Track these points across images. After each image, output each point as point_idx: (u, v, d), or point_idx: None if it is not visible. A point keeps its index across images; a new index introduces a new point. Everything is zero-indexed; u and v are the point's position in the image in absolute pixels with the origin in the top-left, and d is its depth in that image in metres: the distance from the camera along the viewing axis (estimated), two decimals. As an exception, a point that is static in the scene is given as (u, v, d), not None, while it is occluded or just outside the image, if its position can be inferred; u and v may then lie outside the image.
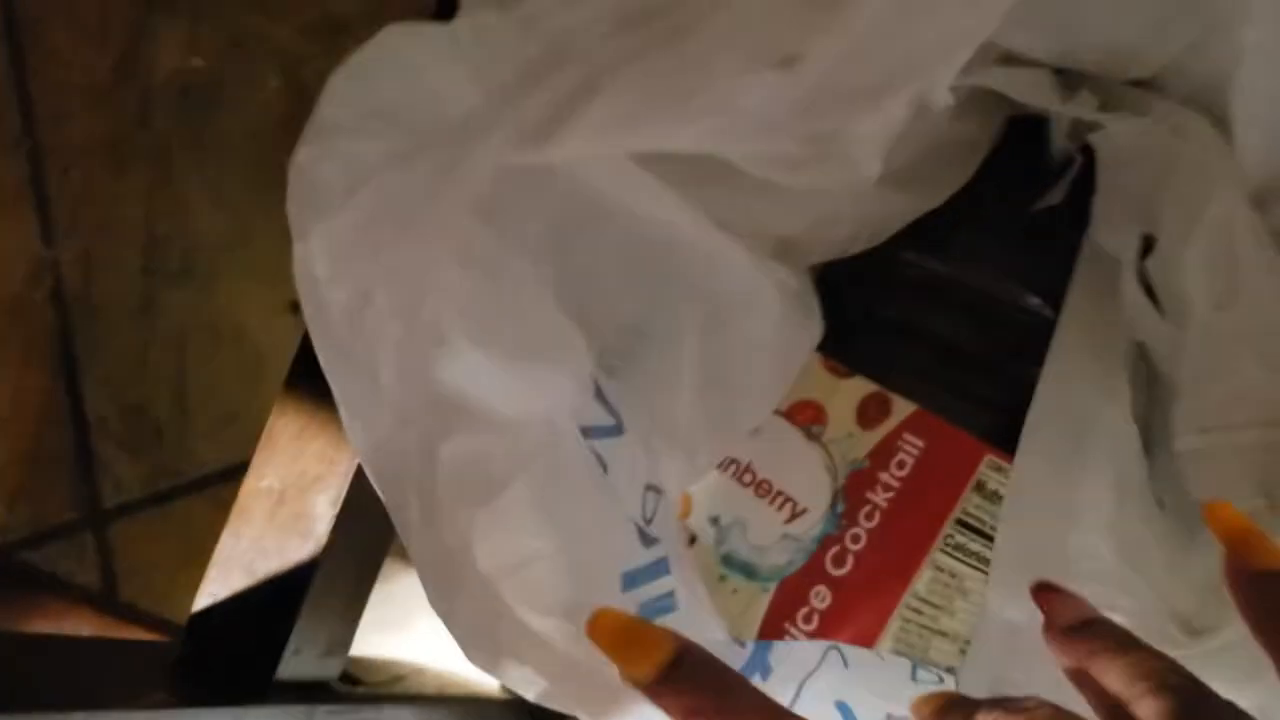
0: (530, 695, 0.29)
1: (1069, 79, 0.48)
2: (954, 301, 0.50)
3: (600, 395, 0.34)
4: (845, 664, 0.37)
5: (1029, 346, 0.47)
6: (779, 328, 0.44)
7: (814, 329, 0.47)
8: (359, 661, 0.50)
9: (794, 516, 0.49)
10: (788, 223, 0.43)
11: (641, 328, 0.41)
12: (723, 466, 0.51)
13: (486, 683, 0.60)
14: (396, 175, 0.28)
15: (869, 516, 0.47)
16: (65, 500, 0.73)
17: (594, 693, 0.28)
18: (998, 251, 0.50)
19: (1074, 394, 0.41)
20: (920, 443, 0.47)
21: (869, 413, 0.49)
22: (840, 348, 0.51)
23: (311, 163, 0.29)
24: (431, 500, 0.28)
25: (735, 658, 0.34)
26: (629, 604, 0.33)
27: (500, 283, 0.30)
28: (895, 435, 0.48)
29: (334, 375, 0.28)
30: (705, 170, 0.38)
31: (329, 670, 0.39)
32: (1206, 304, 0.40)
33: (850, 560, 0.47)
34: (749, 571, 0.49)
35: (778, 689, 0.35)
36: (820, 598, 0.47)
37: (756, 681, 0.34)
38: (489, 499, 0.29)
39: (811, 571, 0.48)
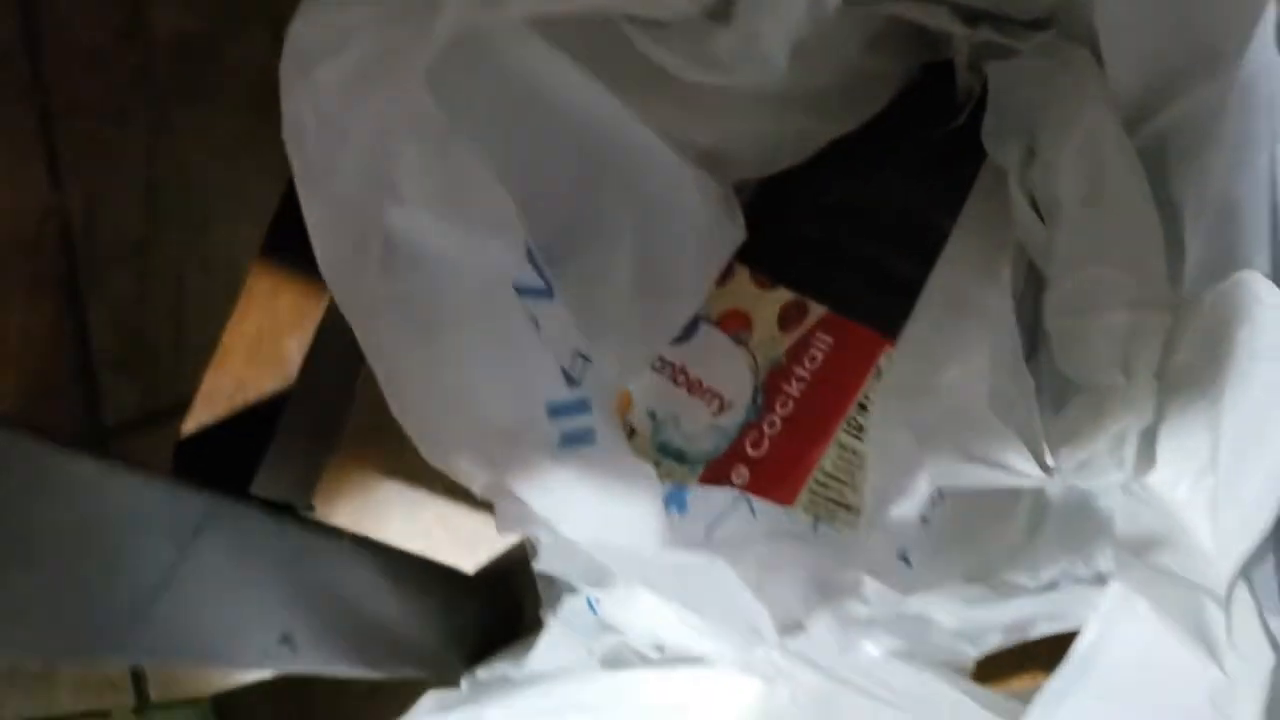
0: (476, 488, 0.34)
1: (969, 17, 0.53)
2: (867, 218, 0.55)
3: (532, 260, 0.40)
4: (753, 513, 0.42)
5: (933, 256, 0.53)
6: (704, 231, 0.50)
7: (735, 234, 0.52)
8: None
9: (721, 410, 0.54)
10: (708, 132, 0.48)
11: (583, 221, 0.47)
12: (659, 369, 0.56)
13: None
14: (373, 35, 0.33)
15: (783, 405, 0.53)
16: (70, 423, 0.79)
17: (526, 480, 0.33)
18: (907, 173, 0.56)
19: (960, 281, 0.46)
20: (830, 339, 0.53)
21: (789, 318, 0.55)
22: (767, 262, 0.57)
23: (301, 31, 0.34)
24: (379, 326, 0.33)
25: (656, 489, 0.39)
26: (553, 430, 0.38)
27: (447, 155, 0.36)
28: (809, 335, 0.54)
29: (308, 202, 0.33)
30: (635, 74, 0.44)
31: (299, 500, 0.45)
32: (1075, 202, 0.46)
33: (766, 443, 0.53)
34: (680, 457, 0.55)
35: (689, 526, 0.40)
36: (740, 476, 0.52)
37: (673, 514, 0.39)
38: (429, 335, 0.35)
39: (733, 454, 0.53)
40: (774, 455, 0.52)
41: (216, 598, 0.39)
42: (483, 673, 0.59)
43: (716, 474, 0.53)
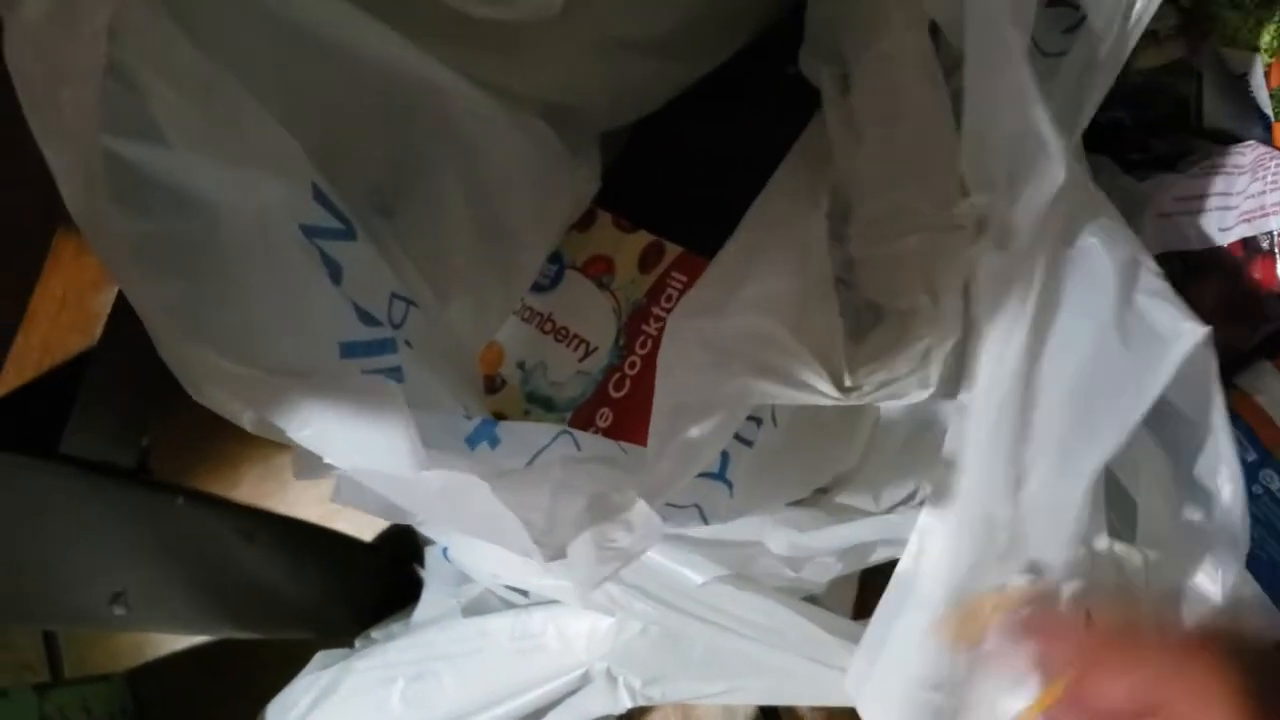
0: (245, 425, 0.35)
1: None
2: (719, 158, 0.56)
3: (322, 200, 0.40)
4: (577, 446, 0.42)
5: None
6: (542, 179, 0.50)
7: (585, 182, 0.52)
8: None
9: (586, 355, 0.55)
10: (550, 85, 0.48)
11: (404, 171, 0.47)
12: (528, 319, 0.57)
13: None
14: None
15: (643, 345, 0.53)
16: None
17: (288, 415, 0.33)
18: (758, 113, 0.56)
19: (779, 207, 0.46)
20: (684, 278, 0.53)
21: (648, 259, 0.55)
22: (628, 206, 0.57)
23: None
24: (130, 266, 0.34)
25: (462, 426, 0.39)
26: (351, 369, 0.38)
27: (211, 96, 0.36)
28: (666, 274, 0.54)
29: (43, 144, 0.33)
30: (458, 28, 0.44)
31: (124, 459, 0.46)
32: (874, 126, 0.46)
33: (628, 384, 0.53)
34: (548, 405, 0.55)
35: (506, 458, 0.40)
36: (604, 418, 0.53)
37: (484, 450, 0.39)
38: (190, 274, 0.35)
39: (598, 398, 0.54)
40: (634, 395, 0.53)
41: (34, 559, 0.39)
42: (375, 632, 0.60)
43: (583, 418, 0.54)
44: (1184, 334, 0.39)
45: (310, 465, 0.36)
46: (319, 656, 0.57)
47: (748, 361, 0.40)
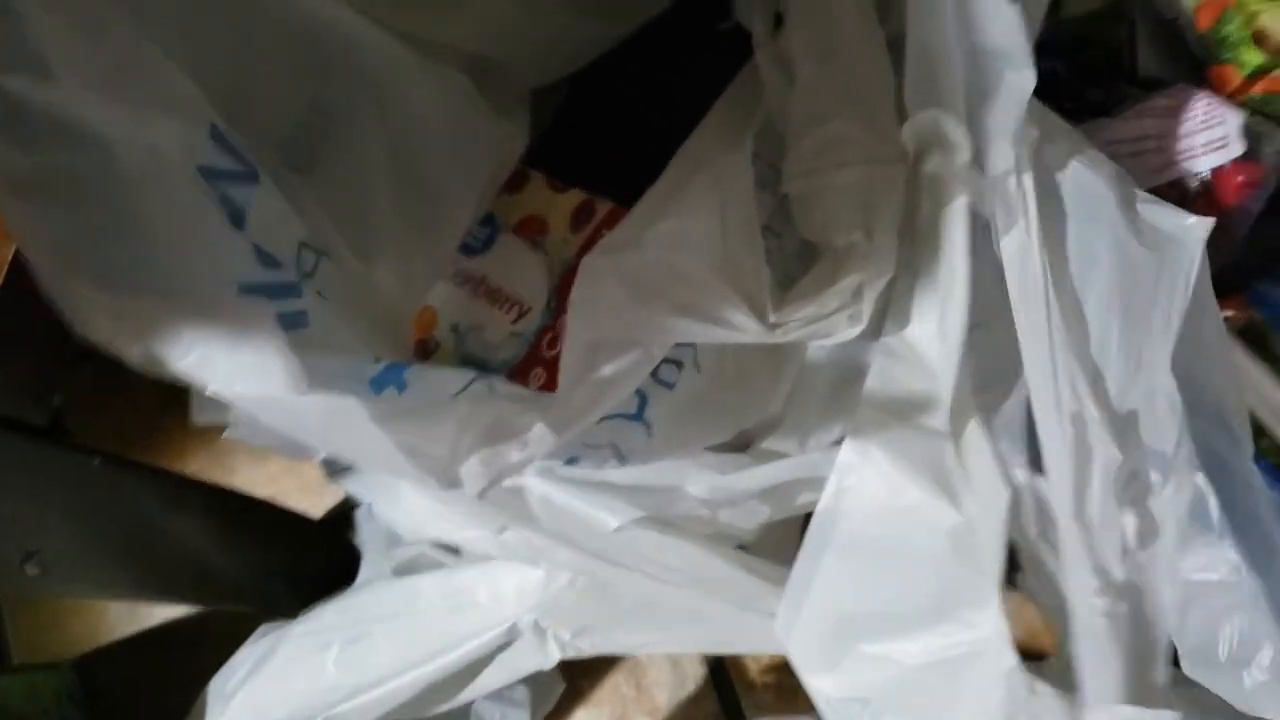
0: (135, 359, 0.34)
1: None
2: (649, 114, 0.55)
3: (221, 141, 0.39)
4: (491, 391, 0.41)
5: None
6: (463, 137, 0.49)
7: (511, 142, 0.52)
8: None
9: (520, 316, 0.54)
10: (473, 37, 0.48)
11: (319, 121, 0.46)
12: (460, 281, 0.56)
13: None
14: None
15: (575, 304, 0.52)
16: None
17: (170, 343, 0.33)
18: (689, 66, 0.55)
19: (705, 148, 0.46)
20: (614, 233, 0.53)
21: (580, 218, 0.55)
22: (560, 165, 0.57)
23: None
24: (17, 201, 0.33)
25: (367, 370, 0.39)
26: (248, 307, 0.38)
27: (108, 34, 0.36)
28: (596, 231, 0.54)
29: None
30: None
31: (35, 417, 0.45)
32: (808, 62, 0.45)
33: (560, 342, 0.52)
34: (483, 367, 0.55)
35: (415, 401, 0.39)
36: (537, 377, 0.52)
37: (390, 393, 0.39)
38: (77, 208, 0.35)
39: (531, 357, 0.53)
40: (567, 353, 0.52)
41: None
42: (320, 606, 0.59)
43: (517, 379, 0.53)
44: (1194, 227, 0.40)
45: (208, 407, 0.35)
46: (261, 629, 0.57)
47: (667, 298, 0.39)
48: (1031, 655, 0.54)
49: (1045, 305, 0.39)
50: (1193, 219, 0.39)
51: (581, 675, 0.66)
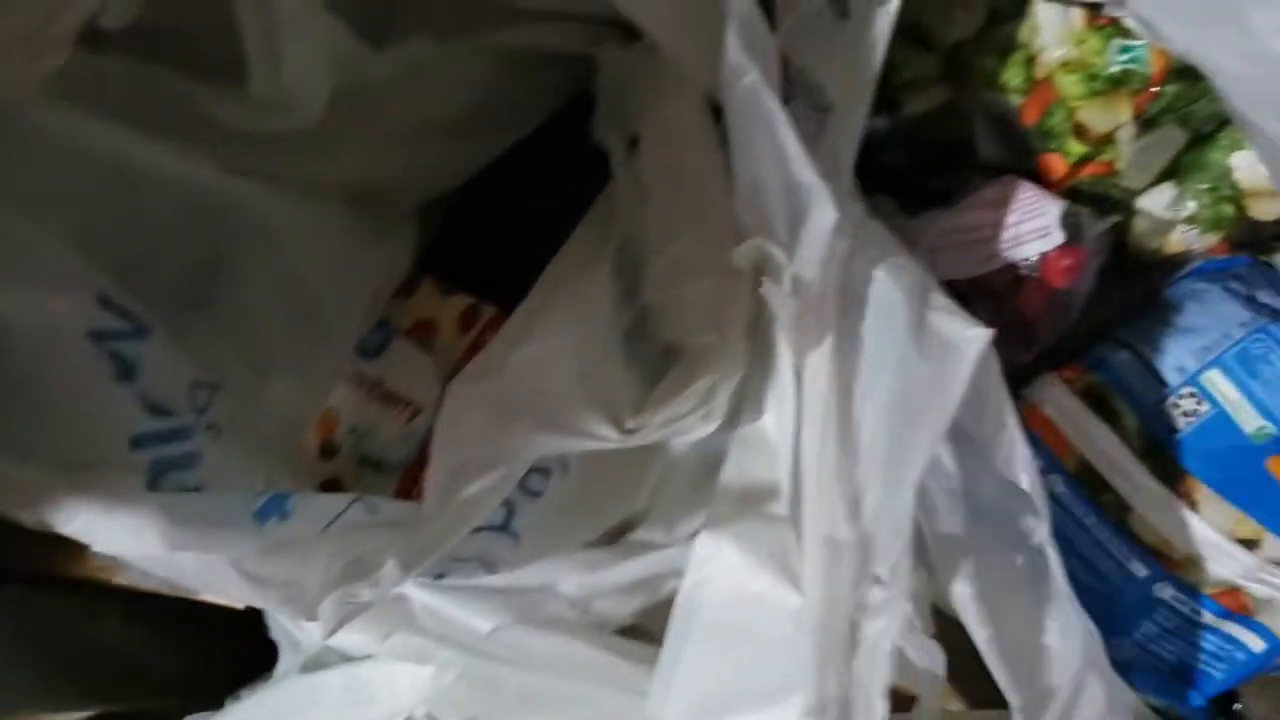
0: (28, 523, 0.38)
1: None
2: (524, 224, 0.59)
3: (110, 306, 0.43)
4: (372, 512, 0.45)
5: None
6: (349, 262, 0.53)
7: (397, 258, 0.56)
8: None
9: (413, 416, 0.58)
10: (333, 173, 0.52)
11: (206, 266, 0.50)
12: (358, 385, 0.60)
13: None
14: None
15: (461, 405, 0.56)
16: None
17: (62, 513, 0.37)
18: (559, 180, 0.60)
19: (567, 268, 0.50)
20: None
21: (466, 321, 0.59)
22: (448, 271, 0.61)
23: None
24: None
25: (251, 502, 0.42)
26: (142, 458, 0.41)
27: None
28: (481, 334, 0.58)
29: None
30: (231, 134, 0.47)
31: None
32: (659, 184, 0.50)
33: (448, 443, 0.56)
34: (379, 466, 0.59)
35: (298, 528, 0.43)
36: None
37: (273, 523, 0.42)
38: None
39: (421, 456, 0.57)
40: (457, 454, 0.56)
41: None
42: (245, 693, 0.62)
43: (411, 477, 0.57)
44: (973, 338, 0.42)
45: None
46: (185, 721, 0.60)
47: (528, 416, 0.43)
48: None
49: (821, 428, 0.43)
50: (974, 329, 0.41)
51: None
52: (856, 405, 0.45)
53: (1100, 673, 0.43)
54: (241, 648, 0.65)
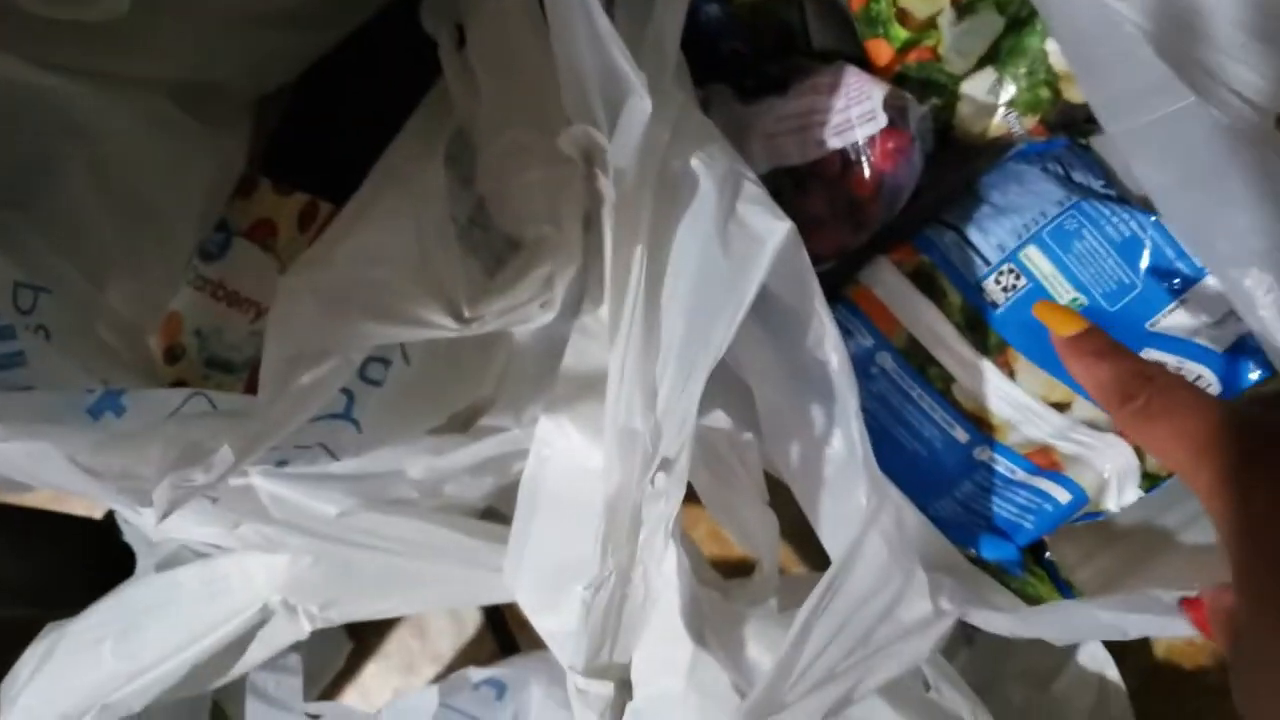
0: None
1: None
2: (360, 119, 0.59)
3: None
4: (212, 405, 0.45)
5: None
6: (177, 159, 0.52)
7: (232, 155, 0.55)
8: None
9: (258, 316, 0.58)
10: (156, 67, 0.50)
11: (33, 166, 0.49)
12: (199, 287, 0.60)
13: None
14: None
15: (305, 301, 0.57)
16: None
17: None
18: (391, 72, 0.59)
19: (398, 158, 0.51)
20: (337, 234, 0.57)
21: (305, 219, 0.59)
22: (285, 170, 0.60)
23: None
24: None
25: (85, 398, 0.42)
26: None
27: None
28: (319, 232, 0.58)
29: None
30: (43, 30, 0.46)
31: None
32: (488, 74, 0.50)
33: (295, 339, 0.56)
34: (227, 367, 0.58)
35: (136, 422, 0.43)
36: (278, 371, 0.56)
37: (108, 419, 0.42)
38: None
39: (271, 354, 0.57)
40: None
41: None
42: (95, 604, 0.62)
43: (257, 375, 0.57)
44: (774, 230, 0.43)
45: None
46: (45, 629, 0.60)
47: (361, 306, 0.44)
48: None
49: (628, 323, 0.44)
50: (777, 221, 0.43)
51: (371, 633, 0.72)
52: (664, 297, 0.47)
53: (884, 535, 0.46)
54: (100, 557, 0.66)
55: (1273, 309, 0.38)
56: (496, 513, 0.57)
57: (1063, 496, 0.55)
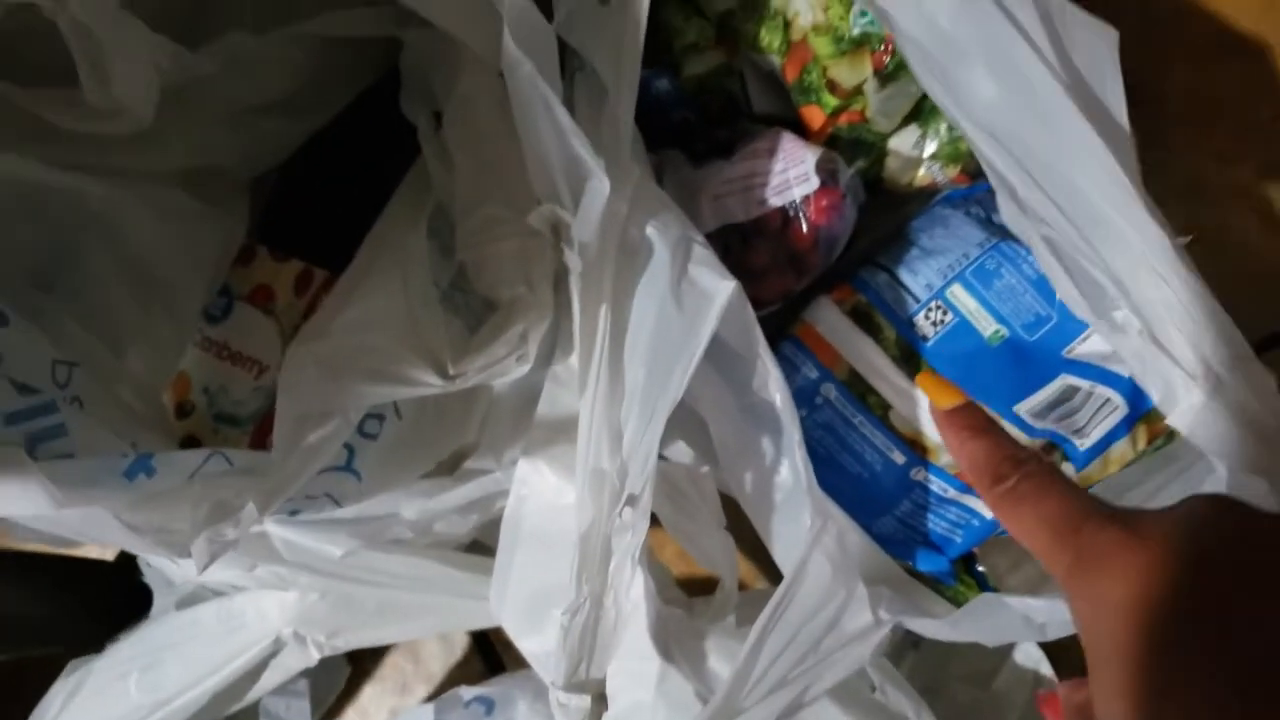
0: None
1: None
2: (347, 192, 0.65)
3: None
4: (229, 462, 0.51)
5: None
6: (186, 238, 0.58)
7: (232, 230, 0.61)
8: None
9: (260, 373, 0.64)
10: (166, 160, 0.56)
11: (57, 252, 0.55)
12: (205, 347, 0.65)
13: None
14: None
15: (304, 361, 0.62)
16: None
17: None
18: (375, 150, 0.65)
19: (385, 232, 0.56)
20: (331, 299, 0.63)
21: (301, 285, 0.64)
22: (280, 239, 0.66)
23: None
24: None
25: (121, 461, 0.48)
26: (16, 433, 0.47)
27: None
28: (316, 296, 0.64)
29: None
30: (63, 136, 0.52)
31: None
32: (461, 154, 0.56)
33: (295, 395, 0.62)
34: (234, 421, 0.64)
35: (165, 481, 0.48)
36: (280, 426, 0.62)
37: (142, 479, 0.48)
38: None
39: (274, 410, 0.62)
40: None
41: None
42: (122, 637, 0.68)
43: (265, 427, 0.63)
44: (721, 289, 0.48)
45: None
46: (69, 665, 0.65)
47: (358, 371, 0.50)
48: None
49: (596, 375, 0.50)
50: (722, 280, 0.48)
51: (367, 658, 0.78)
52: (626, 350, 0.52)
53: (827, 554, 0.52)
54: (115, 596, 0.71)
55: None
56: (481, 545, 0.63)
57: (987, 512, 0.62)
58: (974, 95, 0.46)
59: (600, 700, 0.51)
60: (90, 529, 0.42)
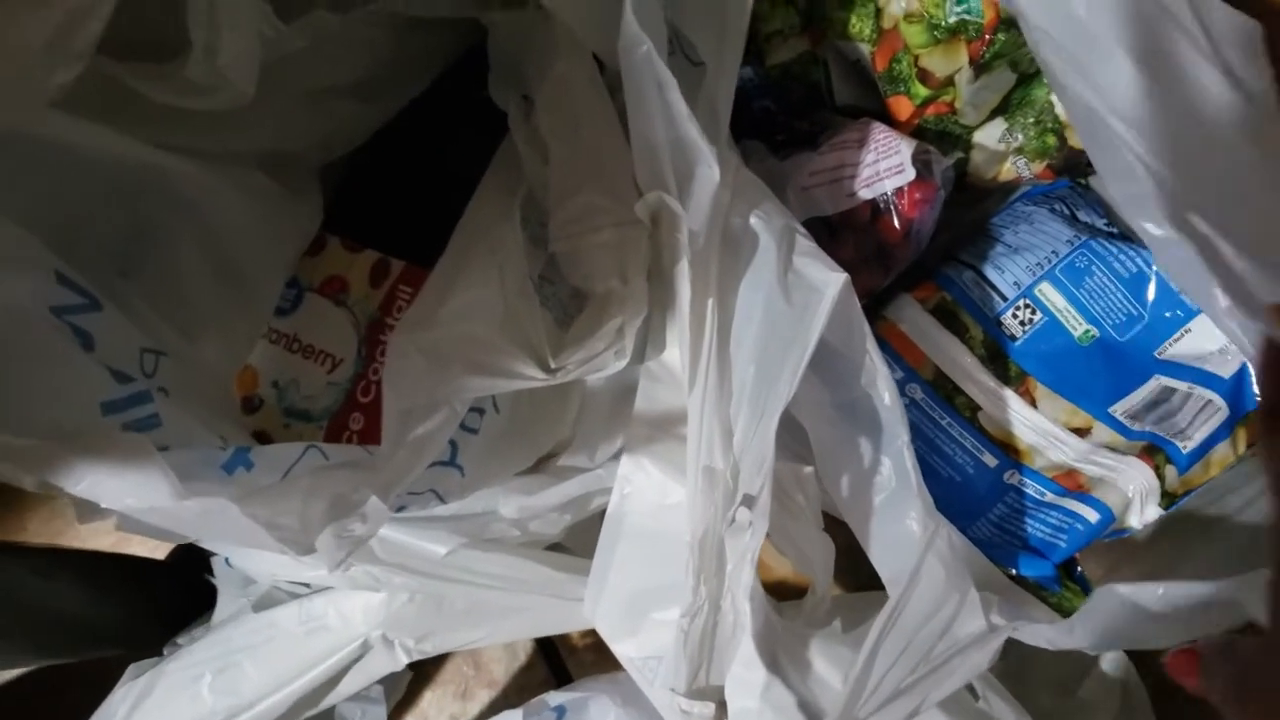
0: (29, 487, 0.40)
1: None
2: (426, 179, 0.63)
3: (66, 282, 0.45)
4: (325, 456, 0.49)
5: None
6: (265, 223, 0.56)
7: (308, 218, 0.59)
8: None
9: (334, 367, 0.62)
10: (248, 141, 0.54)
11: (138, 238, 0.52)
12: (275, 340, 0.63)
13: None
14: None
15: (383, 353, 0.60)
16: None
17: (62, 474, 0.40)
18: (454, 136, 0.63)
19: (480, 220, 0.54)
20: (410, 289, 0.61)
21: (377, 275, 0.62)
22: (353, 229, 0.64)
23: None
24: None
25: (219, 455, 0.46)
26: (112, 424, 0.45)
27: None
28: (394, 287, 0.61)
29: None
30: (156, 114, 0.50)
31: None
32: (557, 142, 0.54)
33: (373, 389, 0.60)
34: (306, 416, 0.62)
35: (262, 477, 0.46)
36: (356, 421, 0.60)
37: (240, 473, 0.46)
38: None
39: (349, 404, 0.61)
40: (381, 398, 0.60)
41: None
42: (181, 639, 0.66)
43: (338, 424, 0.61)
44: (831, 282, 0.47)
45: (90, 510, 0.42)
46: (131, 669, 0.63)
47: (462, 362, 0.48)
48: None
49: (705, 371, 0.48)
50: (832, 273, 0.46)
51: (428, 662, 0.75)
52: (733, 345, 0.50)
53: (940, 558, 0.50)
54: (170, 596, 0.69)
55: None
56: (561, 547, 0.61)
57: (1092, 516, 0.60)
58: (1115, 85, 0.44)
59: (723, 708, 0.49)
60: (209, 523, 0.40)
